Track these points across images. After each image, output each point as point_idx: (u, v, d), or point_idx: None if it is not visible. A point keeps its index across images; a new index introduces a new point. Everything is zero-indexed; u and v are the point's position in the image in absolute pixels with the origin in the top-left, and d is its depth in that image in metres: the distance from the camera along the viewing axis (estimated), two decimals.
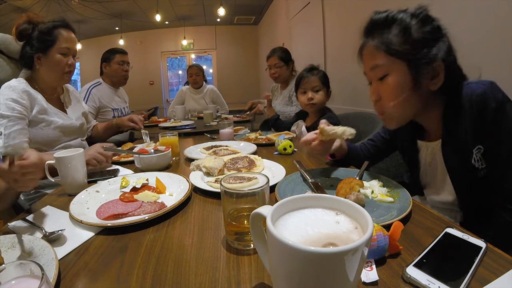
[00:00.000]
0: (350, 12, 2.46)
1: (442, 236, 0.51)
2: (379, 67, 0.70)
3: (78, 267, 0.50)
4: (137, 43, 6.84)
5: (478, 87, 0.66)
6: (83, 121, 1.43)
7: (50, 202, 0.79)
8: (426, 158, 0.82)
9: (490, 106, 0.64)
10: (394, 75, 0.69)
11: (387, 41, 0.67)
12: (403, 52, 0.66)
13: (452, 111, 0.71)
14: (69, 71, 1.28)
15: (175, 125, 2.23)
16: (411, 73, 0.67)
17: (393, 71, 0.69)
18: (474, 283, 0.41)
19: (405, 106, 0.71)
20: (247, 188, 0.52)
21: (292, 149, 1.19)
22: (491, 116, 0.64)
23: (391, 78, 0.69)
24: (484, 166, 0.68)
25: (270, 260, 0.37)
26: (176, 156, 1.21)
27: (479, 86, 0.67)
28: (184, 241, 0.57)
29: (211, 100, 3.11)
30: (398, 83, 0.68)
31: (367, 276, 0.42)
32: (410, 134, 0.85)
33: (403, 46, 0.66)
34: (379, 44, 0.69)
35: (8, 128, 1.07)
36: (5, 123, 1.07)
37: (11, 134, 1.07)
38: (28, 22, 1.21)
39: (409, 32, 0.66)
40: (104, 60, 2.26)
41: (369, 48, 0.72)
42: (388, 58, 0.68)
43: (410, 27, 0.66)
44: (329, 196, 0.38)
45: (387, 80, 0.70)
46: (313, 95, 1.56)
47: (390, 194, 0.70)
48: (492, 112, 0.64)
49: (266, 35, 6.15)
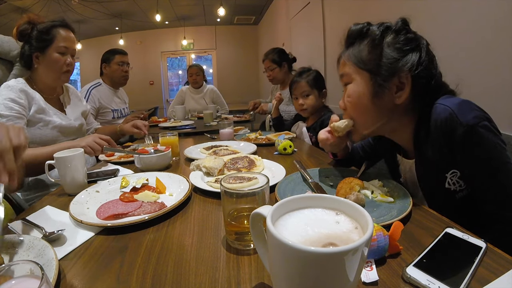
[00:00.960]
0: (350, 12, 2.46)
1: (442, 236, 0.51)
2: (345, 76, 0.72)
3: (78, 267, 0.50)
4: (137, 43, 6.84)
5: (444, 111, 0.62)
6: (82, 121, 1.43)
7: (50, 202, 0.79)
8: (405, 173, 0.81)
9: (457, 132, 0.60)
10: (354, 84, 0.70)
11: (356, 52, 0.68)
12: (366, 62, 0.66)
13: (422, 132, 0.68)
14: (67, 70, 1.27)
15: (175, 125, 2.23)
16: (371, 84, 0.66)
17: (354, 80, 0.70)
18: (474, 283, 0.41)
19: (365, 117, 0.71)
20: (247, 188, 0.52)
21: (292, 149, 1.19)
22: (460, 142, 0.60)
23: (351, 86, 0.70)
24: (464, 187, 0.66)
25: (270, 260, 0.37)
26: (176, 156, 1.21)
27: (445, 109, 0.62)
28: (184, 241, 0.57)
29: (211, 100, 3.11)
30: (356, 92, 0.69)
31: (367, 276, 0.42)
32: (390, 147, 0.83)
33: (368, 57, 0.66)
34: (350, 54, 0.70)
35: None
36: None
37: None
38: (28, 22, 1.21)
39: (376, 44, 0.66)
40: (104, 60, 2.26)
41: (343, 58, 0.73)
42: (354, 68, 0.69)
43: (379, 39, 0.65)
44: (329, 196, 0.38)
45: (348, 88, 0.71)
46: (303, 101, 1.56)
47: (390, 194, 0.70)
48: (460, 137, 0.60)
49: (266, 35, 6.15)
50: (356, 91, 0.69)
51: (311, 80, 1.54)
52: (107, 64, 2.24)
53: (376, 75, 0.65)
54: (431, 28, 1.51)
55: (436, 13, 1.45)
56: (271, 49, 2.37)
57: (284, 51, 2.38)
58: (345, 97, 0.73)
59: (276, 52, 2.33)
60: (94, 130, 1.62)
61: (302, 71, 1.59)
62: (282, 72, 2.32)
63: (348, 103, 0.72)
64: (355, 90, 0.69)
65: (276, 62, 2.29)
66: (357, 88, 0.69)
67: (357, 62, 0.68)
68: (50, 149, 1.02)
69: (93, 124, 1.63)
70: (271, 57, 2.30)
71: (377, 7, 2.02)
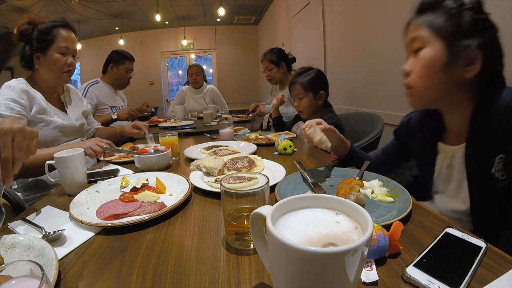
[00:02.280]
0: (350, 12, 2.46)
1: (442, 236, 0.51)
2: (418, 39, 0.71)
3: (78, 267, 0.50)
4: (137, 43, 6.84)
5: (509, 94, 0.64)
6: (83, 121, 1.43)
7: (50, 202, 0.79)
8: (444, 162, 0.80)
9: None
10: (429, 49, 0.70)
11: (432, 18, 0.69)
12: (443, 30, 0.67)
13: (482, 113, 0.69)
14: (68, 70, 1.27)
15: (175, 125, 2.23)
16: (446, 52, 0.67)
17: (429, 45, 0.70)
18: (474, 283, 0.41)
19: (432, 84, 0.71)
20: (247, 188, 0.52)
21: (292, 149, 1.19)
22: None
23: (426, 51, 0.70)
24: (504, 178, 0.67)
25: (270, 260, 0.37)
26: (176, 156, 1.21)
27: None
28: (184, 241, 0.57)
29: (211, 100, 3.11)
30: (430, 57, 0.69)
31: (367, 276, 0.42)
32: (431, 134, 0.83)
33: (445, 24, 0.67)
34: (424, 20, 0.71)
35: None
36: None
37: None
38: (28, 23, 1.21)
39: (454, 15, 0.67)
40: (112, 61, 2.25)
41: (414, 23, 0.73)
42: (428, 33, 0.69)
43: (456, 11, 0.67)
44: (329, 196, 0.38)
45: (421, 53, 0.71)
46: (298, 103, 1.56)
47: (390, 194, 0.70)
48: None
49: (266, 35, 6.15)
50: (431, 55, 0.69)
51: (306, 82, 1.52)
52: (115, 66, 2.24)
53: (451, 44, 0.67)
54: None
55: None
56: (269, 49, 2.37)
57: (283, 51, 2.38)
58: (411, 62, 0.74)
59: (275, 52, 2.33)
60: (95, 130, 1.62)
61: (300, 71, 1.59)
62: (280, 73, 2.32)
63: (418, 66, 0.72)
64: (430, 54, 0.70)
65: (274, 62, 2.29)
66: (432, 53, 0.69)
67: (433, 28, 0.69)
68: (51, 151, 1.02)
69: (94, 124, 1.63)
70: (269, 57, 2.31)
71: (377, 7, 2.02)
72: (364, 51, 2.29)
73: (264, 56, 2.33)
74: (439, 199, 0.83)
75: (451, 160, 0.77)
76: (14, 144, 0.61)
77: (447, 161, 0.79)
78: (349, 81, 2.60)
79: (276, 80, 2.37)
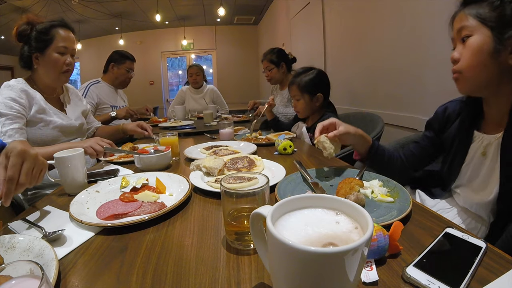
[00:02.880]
0: (350, 12, 2.46)
1: (442, 236, 0.51)
2: (465, 28, 0.74)
3: (78, 267, 0.50)
4: (137, 43, 6.85)
5: None
6: (82, 121, 1.43)
7: (50, 202, 0.79)
8: (477, 150, 0.82)
9: None
10: (477, 37, 0.72)
11: (478, 8, 0.72)
12: (490, 19, 0.70)
13: None
14: (67, 70, 1.27)
15: (175, 125, 2.23)
16: (493, 39, 0.70)
17: (477, 33, 0.72)
18: (474, 283, 0.41)
19: (480, 70, 0.74)
20: (247, 188, 0.52)
21: (292, 149, 1.19)
22: None
23: (474, 38, 0.73)
24: None
25: (270, 260, 0.37)
26: (176, 156, 1.21)
27: None
28: (184, 241, 0.57)
29: (211, 100, 3.11)
30: (479, 44, 0.72)
31: (367, 276, 0.42)
32: (468, 122, 0.85)
33: (490, 14, 0.70)
34: (470, 10, 0.73)
35: (6, 126, 1.07)
36: (2, 121, 1.07)
37: (8, 132, 1.07)
38: (27, 23, 1.21)
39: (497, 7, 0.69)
40: (113, 60, 2.27)
41: (461, 14, 0.76)
42: (475, 22, 0.72)
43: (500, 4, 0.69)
44: (329, 196, 0.38)
45: (469, 41, 0.73)
46: (295, 104, 1.56)
47: (390, 194, 0.70)
48: None
49: (266, 35, 6.15)
50: (479, 43, 0.72)
51: (303, 83, 1.52)
52: (116, 65, 2.26)
53: (497, 32, 0.69)
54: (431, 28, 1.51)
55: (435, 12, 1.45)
56: (269, 49, 2.37)
57: (283, 51, 2.38)
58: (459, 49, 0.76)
59: (275, 52, 2.33)
60: (95, 129, 1.61)
61: (300, 72, 1.58)
62: (280, 73, 2.32)
63: (466, 53, 0.74)
64: (478, 42, 0.72)
65: (274, 62, 2.29)
66: (480, 40, 0.72)
67: (479, 17, 0.72)
68: (50, 149, 1.02)
69: (94, 123, 1.62)
70: (269, 57, 2.30)
71: (377, 7, 2.03)
72: (364, 51, 2.29)
73: (264, 56, 2.33)
74: (464, 190, 0.85)
75: (486, 148, 0.79)
76: (23, 168, 0.61)
77: (481, 150, 0.80)
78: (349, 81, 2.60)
79: (276, 80, 2.37)
